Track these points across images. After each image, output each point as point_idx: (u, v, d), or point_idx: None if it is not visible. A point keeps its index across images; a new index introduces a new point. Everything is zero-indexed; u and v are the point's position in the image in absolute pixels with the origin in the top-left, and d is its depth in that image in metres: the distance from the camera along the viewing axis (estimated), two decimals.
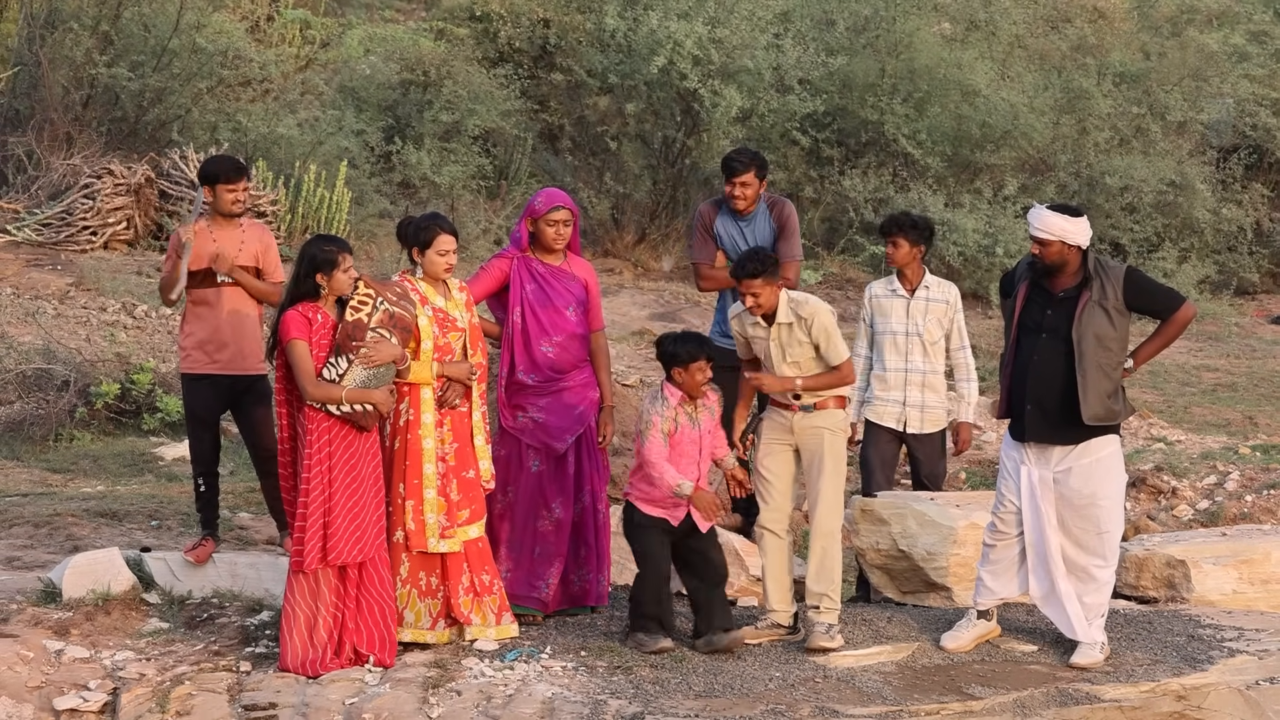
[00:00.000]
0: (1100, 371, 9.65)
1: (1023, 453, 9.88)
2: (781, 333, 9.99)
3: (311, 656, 9.49)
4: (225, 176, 10.88)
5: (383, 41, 28.71)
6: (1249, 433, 18.12)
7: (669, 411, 9.97)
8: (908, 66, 27.23)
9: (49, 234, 22.35)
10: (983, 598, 10.09)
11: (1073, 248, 9.67)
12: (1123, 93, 28.26)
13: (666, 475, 9.86)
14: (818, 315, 9.95)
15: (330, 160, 24.31)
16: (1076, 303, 9.67)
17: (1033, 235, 9.72)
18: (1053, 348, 9.69)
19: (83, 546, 11.51)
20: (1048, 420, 9.75)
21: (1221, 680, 9.41)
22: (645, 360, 20.37)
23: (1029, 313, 9.84)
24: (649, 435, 9.92)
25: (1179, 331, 9.94)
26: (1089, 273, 9.69)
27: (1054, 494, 9.81)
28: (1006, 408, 9.97)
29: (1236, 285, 28.14)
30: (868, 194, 26.25)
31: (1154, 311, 9.92)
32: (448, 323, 9.95)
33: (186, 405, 11.16)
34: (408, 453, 9.82)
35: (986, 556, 10.09)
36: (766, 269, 9.90)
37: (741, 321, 10.17)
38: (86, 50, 24.49)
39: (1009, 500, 9.93)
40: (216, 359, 10.80)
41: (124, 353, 16.97)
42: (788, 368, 9.99)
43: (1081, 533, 9.80)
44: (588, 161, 28.47)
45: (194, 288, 10.84)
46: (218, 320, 10.81)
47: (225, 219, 10.90)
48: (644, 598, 9.93)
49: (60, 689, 9.55)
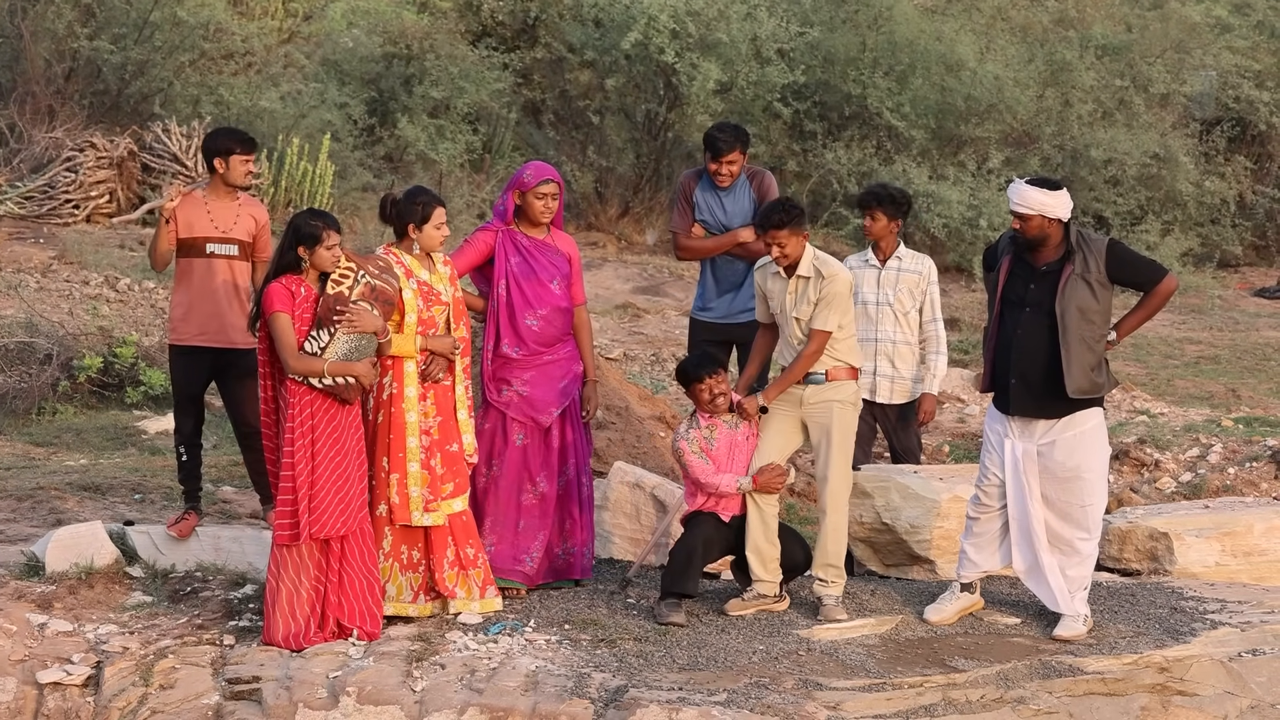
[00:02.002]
0: (1084, 344, 9.65)
1: (1007, 425, 9.89)
2: (799, 286, 10.02)
3: (295, 630, 9.48)
4: (240, 148, 10.85)
5: (365, 15, 28.68)
6: (1232, 405, 18.17)
7: (697, 433, 10.11)
8: (888, 39, 27.24)
9: (31, 207, 22.33)
10: (966, 570, 10.11)
11: (1053, 221, 9.66)
12: (1105, 65, 28.29)
13: (723, 484, 10.02)
14: (835, 280, 9.99)
15: (313, 134, 24.30)
16: (1059, 276, 9.67)
17: (1013, 210, 9.71)
18: (1036, 321, 9.69)
19: (66, 520, 11.49)
20: (1032, 394, 9.75)
21: (1204, 652, 9.42)
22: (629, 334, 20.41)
23: (1012, 287, 9.84)
24: (687, 461, 10.08)
25: (1162, 303, 9.95)
26: (1071, 246, 9.69)
27: (1038, 467, 9.82)
28: (990, 381, 9.98)
29: (1219, 258, 28.19)
30: (851, 167, 26.28)
31: (1136, 284, 9.92)
32: (432, 296, 9.94)
33: (172, 377, 11.13)
34: (391, 426, 9.81)
35: (970, 529, 10.10)
36: (791, 219, 9.94)
37: (764, 273, 10.21)
38: (68, 23, 24.45)
39: (993, 473, 9.94)
40: (204, 331, 10.76)
41: (107, 326, 16.94)
42: (799, 325, 10.01)
43: (1065, 505, 9.81)
44: (570, 135, 28.48)
45: (184, 257, 10.81)
46: (205, 291, 10.76)
47: (225, 190, 10.86)
48: (674, 555, 10.07)
49: (44, 662, 9.54)
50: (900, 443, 11.65)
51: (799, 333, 10.05)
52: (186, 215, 10.75)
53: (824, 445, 10.06)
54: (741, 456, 10.11)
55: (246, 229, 10.85)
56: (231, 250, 10.78)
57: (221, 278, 10.75)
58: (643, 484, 11.46)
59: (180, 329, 10.85)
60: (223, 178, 10.83)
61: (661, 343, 19.91)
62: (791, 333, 10.09)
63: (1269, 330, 23.67)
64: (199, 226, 10.75)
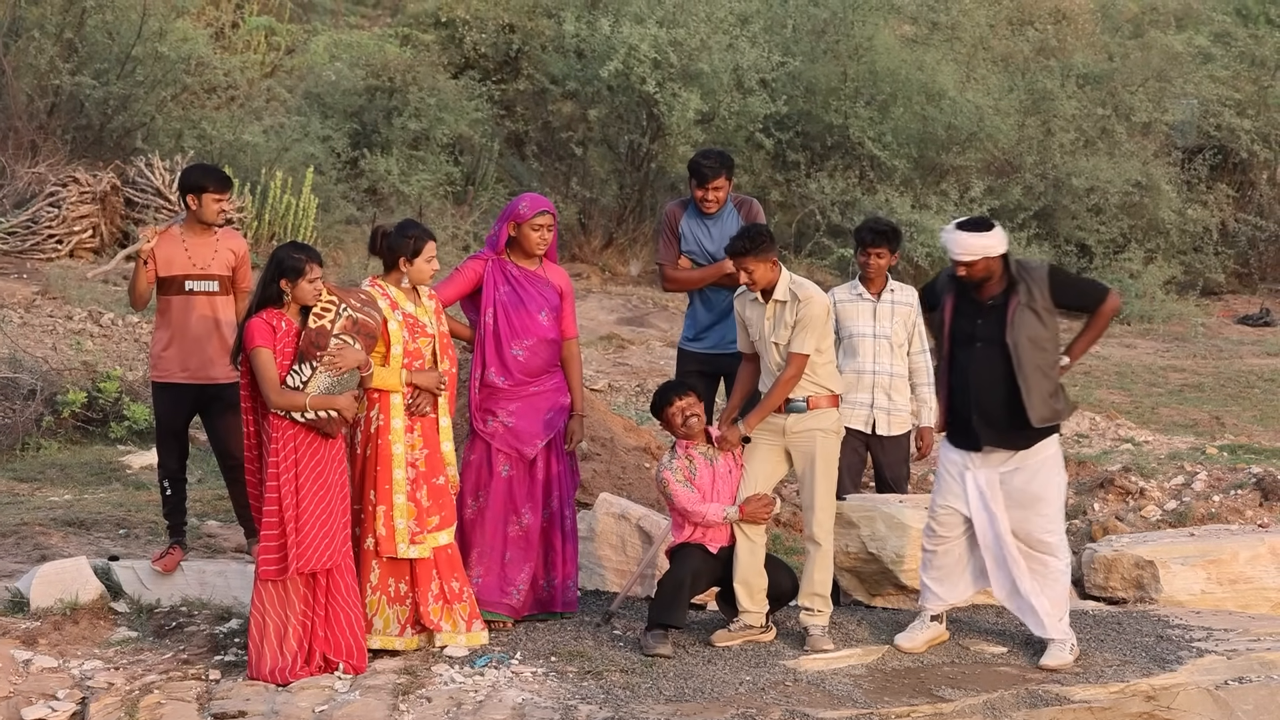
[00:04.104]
0: (1039, 373, 9.69)
1: (966, 457, 9.91)
2: (775, 310, 10.02)
3: (281, 665, 9.46)
4: (213, 186, 10.84)
5: (348, 48, 28.72)
6: (1216, 433, 18.17)
7: (679, 461, 10.12)
8: (869, 69, 27.31)
9: (14, 242, 22.29)
10: (932, 604, 10.11)
11: (995, 259, 9.70)
12: (1087, 94, 28.38)
13: (709, 513, 10.04)
14: (810, 304, 10.00)
15: (296, 167, 24.31)
16: (1006, 309, 9.70)
17: (954, 259, 9.72)
18: (989, 355, 9.71)
19: (50, 555, 11.46)
20: (995, 427, 9.78)
21: (1190, 680, 9.42)
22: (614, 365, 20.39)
23: (959, 324, 9.87)
24: (671, 490, 10.10)
25: (1108, 322, 10.03)
26: (1014, 276, 9.72)
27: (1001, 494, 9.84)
28: (948, 419, 10.01)
29: (1203, 286, 28.27)
30: (834, 197, 26.31)
31: (1081, 306, 10.00)
32: (417, 328, 9.95)
33: (156, 412, 11.13)
34: (378, 458, 9.81)
35: (929, 563, 10.10)
36: (757, 245, 9.96)
37: (743, 300, 10.23)
38: (50, 58, 24.45)
39: (950, 506, 9.96)
40: (186, 367, 10.76)
41: (91, 361, 16.93)
42: (778, 350, 10.00)
43: (1031, 529, 9.83)
44: (553, 167, 28.52)
45: (163, 294, 10.81)
46: (184, 327, 10.76)
47: (202, 227, 10.86)
48: (662, 586, 10.07)
49: (28, 699, 9.51)
50: (892, 473, 11.63)
51: (777, 357, 10.05)
52: (165, 253, 10.75)
53: (809, 474, 10.07)
54: (725, 487, 10.11)
55: (225, 263, 10.84)
56: (211, 286, 10.77)
57: (200, 314, 10.75)
58: (628, 515, 11.45)
59: (161, 365, 10.85)
60: (195, 215, 10.84)
61: (646, 373, 19.90)
62: (771, 359, 10.09)
63: (1252, 358, 23.70)
64: (177, 264, 10.74)
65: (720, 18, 26.68)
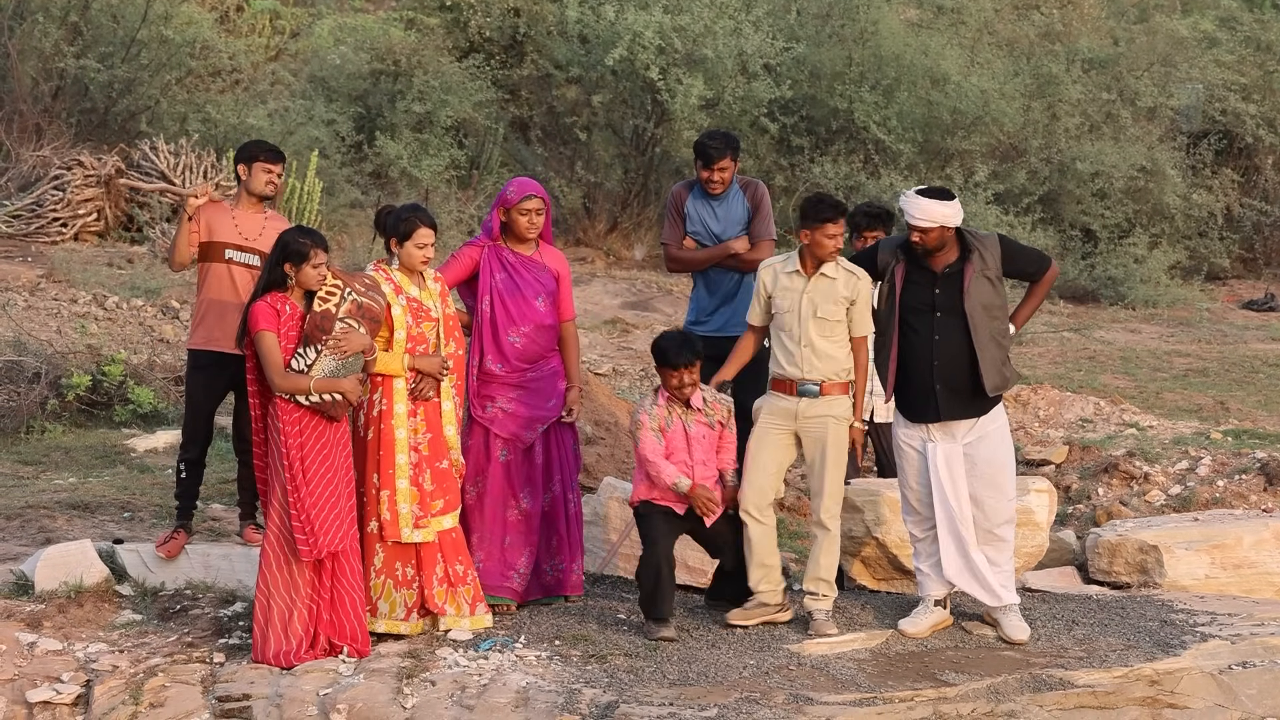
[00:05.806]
0: (993, 341, 9.77)
1: (927, 432, 9.91)
2: (822, 285, 9.98)
3: (286, 648, 9.47)
4: (265, 155, 10.85)
5: (353, 31, 28.67)
6: (1220, 418, 18.18)
7: (657, 410, 10.07)
8: (874, 54, 27.28)
9: (19, 226, 22.30)
10: (935, 590, 10.10)
11: (950, 229, 9.72)
12: (1092, 79, 28.35)
13: (664, 472, 10.00)
14: (867, 279, 10.01)
15: (301, 150, 24.28)
16: (962, 276, 9.74)
17: (911, 224, 9.71)
18: (950, 324, 9.75)
19: (55, 539, 11.47)
20: (959, 397, 9.81)
21: (1194, 665, 9.42)
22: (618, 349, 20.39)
23: (913, 294, 9.87)
24: (641, 434, 10.06)
25: (1047, 290, 10.20)
26: (968, 244, 9.75)
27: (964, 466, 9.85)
28: (898, 391, 10.00)
29: (1207, 270, 28.25)
30: (839, 181, 26.28)
31: (1028, 274, 10.12)
32: (421, 312, 9.94)
33: (188, 389, 11.08)
34: (381, 443, 9.81)
35: (921, 552, 10.10)
36: (842, 212, 10.03)
37: (775, 271, 10.15)
38: (55, 41, 24.45)
39: (918, 486, 9.97)
40: (211, 337, 10.70)
41: (95, 344, 16.93)
42: (813, 324, 9.95)
43: (989, 498, 9.86)
44: (558, 151, 28.49)
45: (203, 261, 10.81)
46: (218, 297, 10.75)
47: (251, 202, 10.86)
48: (641, 580, 10.04)
49: (33, 681, 9.52)
50: (893, 458, 11.62)
51: (812, 334, 9.98)
52: (209, 219, 10.76)
53: (819, 460, 10.04)
54: (691, 454, 10.08)
55: (269, 242, 10.82)
56: (252, 260, 10.73)
57: (238, 283, 10.71)
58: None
59: (194, 334, 10.88)
60: (246, 185, 10.85)
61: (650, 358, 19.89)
62: (802, 334, 9.99)
63: (1257, 343, 23.70)
64: (220, 231, 10.75)
65: (724, 3, 26.65)
